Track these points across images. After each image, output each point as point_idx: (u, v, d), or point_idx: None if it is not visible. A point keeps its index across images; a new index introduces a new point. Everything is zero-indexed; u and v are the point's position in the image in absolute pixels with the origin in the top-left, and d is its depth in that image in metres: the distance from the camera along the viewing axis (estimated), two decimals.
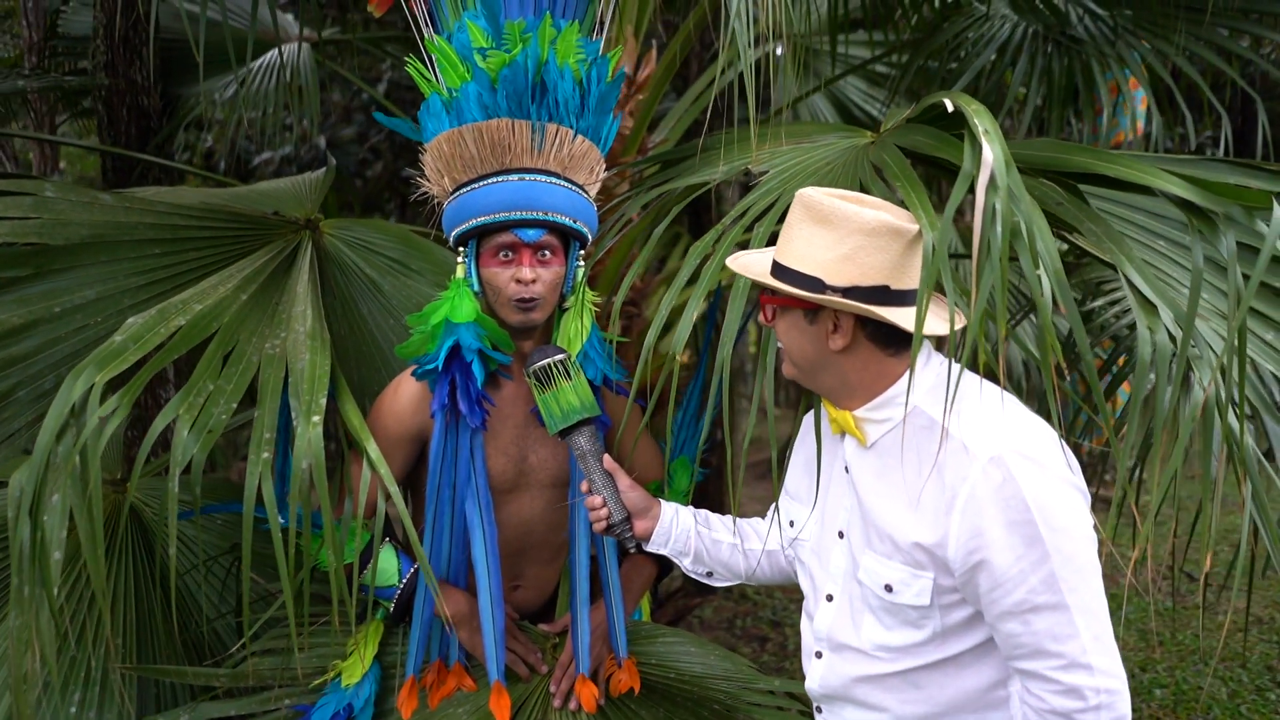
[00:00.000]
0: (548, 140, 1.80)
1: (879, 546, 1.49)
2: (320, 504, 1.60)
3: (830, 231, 1.43)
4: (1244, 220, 1.43)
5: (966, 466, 1.37)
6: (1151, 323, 1.43)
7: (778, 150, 2.04)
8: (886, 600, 1.48)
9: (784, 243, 1.50)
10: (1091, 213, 1.62)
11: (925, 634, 1.47)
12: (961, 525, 1.37)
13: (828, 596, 1.61)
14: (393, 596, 1.86)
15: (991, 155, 1.35)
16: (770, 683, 2.00)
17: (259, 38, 3.81)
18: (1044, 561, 1.32)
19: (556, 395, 1.77)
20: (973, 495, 1.36)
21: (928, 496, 1.42)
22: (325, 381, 1.69)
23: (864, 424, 1.52)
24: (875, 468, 1.52)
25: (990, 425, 1.40)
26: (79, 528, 1.46)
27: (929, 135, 1.73)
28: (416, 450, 1.91)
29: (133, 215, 1.97)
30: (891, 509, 1.48)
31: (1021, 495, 1.33)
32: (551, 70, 1.78)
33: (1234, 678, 4.22)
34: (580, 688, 1.89)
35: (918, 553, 1.43)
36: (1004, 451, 1.35)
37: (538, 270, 1.79)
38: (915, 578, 1.44)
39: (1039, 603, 1.33)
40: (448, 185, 1.83)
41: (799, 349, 1.52)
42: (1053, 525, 1.32)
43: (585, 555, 1.92)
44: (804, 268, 1.45)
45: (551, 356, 1.78)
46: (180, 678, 1.91)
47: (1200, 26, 2.58)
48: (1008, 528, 1.33)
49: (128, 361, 1.57)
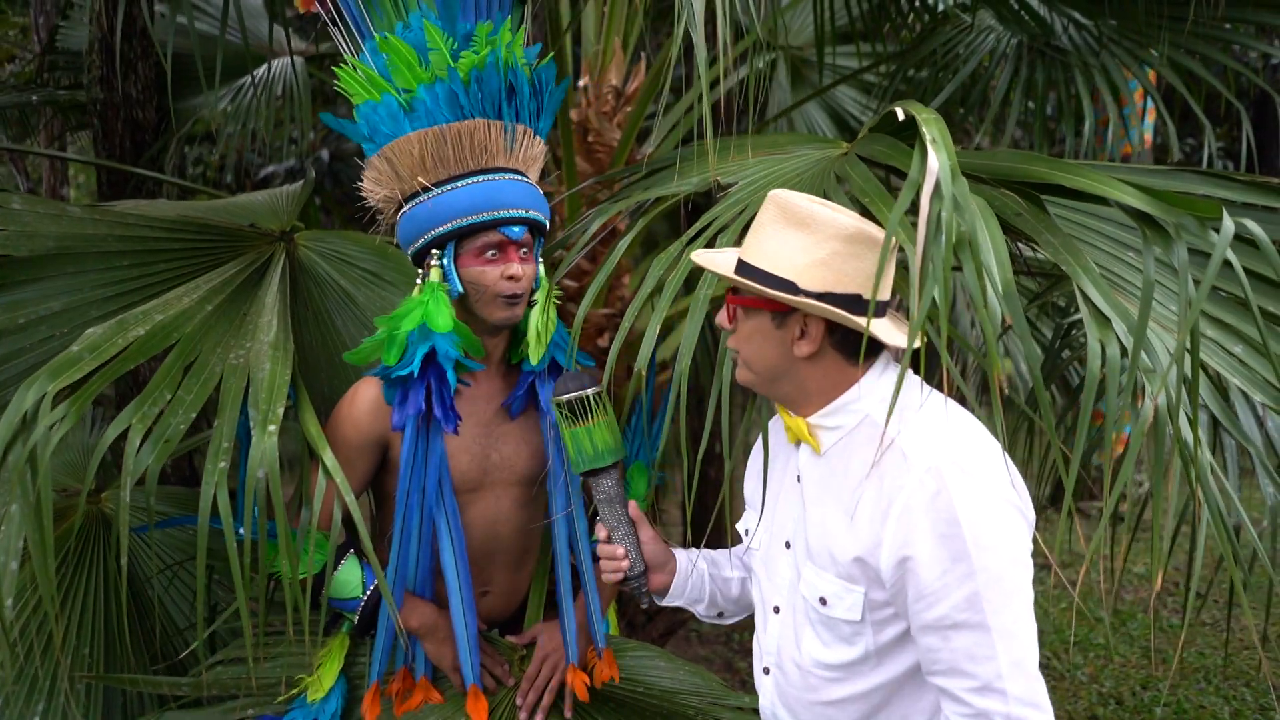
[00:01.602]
0: (517, 141, 1.84)
1: (818, 558, 1.47)
2: (276, 513, 1.60)
3: (807, 235, 1.40)
4: (1197, 230, 1.41)
5: (904, 475, 1.35)
6: (1104, 335, 1.41)
7: (748, 162, 2.04)
8: (822, 614, 1.46)
9: (754, 242, 1.46)
10: (1050, 223, 1.61)
11: (858, 651, 1.45)
12: (894, 533, 1.34)
13: (775, 609, 1.59)
14: (356, 609, 1.86)
15: (937, 163, 1.34)
16: (740, 699, 1.99)
17: (255, 52, 3.85)
18: (969, 578, 1.30)
19: (590, 432, 1.66)
20: (907, 504, 1.33)
21: (865, 505, 1.40)
22: (284, 391, 1.69)
23: (818, 431, 1.50)
24: (822, 476, 1.50)
25: (933, 435, 1.38)
26: (29, 539, 1.47)
27: (885, 144, 1.72)
28: (378, 457, 1.90)
29: (101, 227, 1.98)
30: (831, 518, 1.46)
31: (953, 508, 1.31)
32: (519, 73, 1.82)
33: (1237, 696, 4.16)
34: (571, 677, 1.90)
35: (851, 565, 1.41)
36: (942, 462, 1.33)
37: (524, 267, 1.82)
38: (848, 591, 1.42)
39: (959, 620, 1.31)
40: (410, 189, 1.82)
41: (760, 354, 1.48)
42: (982, 543, 1.30)
43: (565, 547, 1.93)
44: (777, 269, 1.41)
45: (587, 388, 1.67)
46: (140, 686, 1.92)
47: (1183, 36, 2.56)
48: (936, 540, 1.31)
49: (82, 371, 1.58)
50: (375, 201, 1.89)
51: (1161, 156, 6.26)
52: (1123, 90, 2.64)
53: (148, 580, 2.11)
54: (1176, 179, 1.90)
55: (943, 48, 3.13)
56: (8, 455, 1.49)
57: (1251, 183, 1.86)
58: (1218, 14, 2.53)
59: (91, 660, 1.95)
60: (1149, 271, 1.37)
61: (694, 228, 1.84)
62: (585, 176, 2.97)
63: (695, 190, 1.99)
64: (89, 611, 2.00)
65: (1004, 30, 3.06)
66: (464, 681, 1.86)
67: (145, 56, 3.48)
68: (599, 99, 3.03)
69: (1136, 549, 5.73)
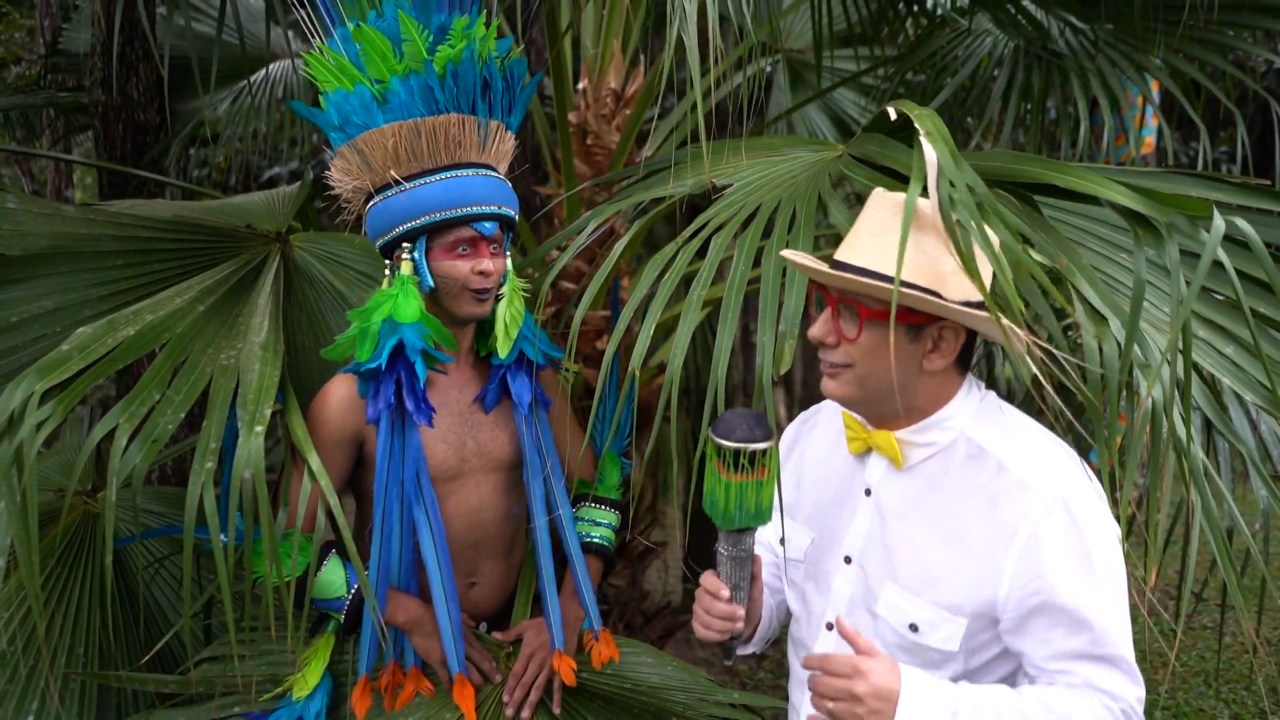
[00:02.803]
0: (490, 136, 1.85)
1: (907, 581, 1.40)
2: (261, 515, 1.60)
3: (942, 242, 1.30)
4: (1188, 229, 1.41)
5: (1028, 504, 1.32)
6: (1100, 333, 1.41)
7: (743, 164, 2.04)
8: (908, 639, 1.40)
9: (875, 248, 1.33)
10: (1044, 222, 1.61)
11: (945, 675, 1.39)
12: (1021, 564, 1.31)
13: (828, 625, 1.52)
14: (341, 609, 1.85)
15: (935, 155, 1.34)
16: (730, 695, 1.98)
17: (256, 54, 3.86)
18: (1106, 612, 1.30)
19: (759, 487, 1.38)
20: (1034, 533, 1.30)
21: (977, 532, 1.35)
22: (272, 392, 1.69)
23: (906, 446, 1.42)
24: (909, 494, 1.43)
25: (1049, 462, 1.36)
26: (15, 537, 1.47)
27: (877, 143, 1.72)
28: (354, 454, 1.91)
29: (95, 227, 1.99)
30: (928, 543, 1.40)
31: (1085, 541, 1.30)
32: (493, 68, 1.84)
33: (1237, 699, 4.14)
34: (558, 662, 1.90)
35: (957, 594, 1.36)
36: (1068, 493, 1.31)
37: (494, 262, 1.84)
38: (946, 621, 1.37)
39: (1098, 654, 1.31)
40: (381, 180, 1.82)
41: (882, 368, 1.35)
42: (1111, 574, 1.31)
43: (546, 535, 1.93)
44: (920, 279, 1.30)
45: (762, 441, 1.36)
46: (125, 682, 1.91)
47: (1179, 40, 2.55)
48: (1071, 572, 1.29)
49: (71, 370, 1.58)
50: (343, 191, 1.88)
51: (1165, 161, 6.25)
52: (1118, 94, 2.63)
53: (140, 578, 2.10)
54: (1169, 180, 1.90)
55: (941, 51, 3.13)
56: None
57: (1244, 185, 1.86)
58: (1213, 18, 2.52)
59: (86, 659, 1.94)
60: (1140, 269, 1.37)
61: (689, 229, 1.84)
62: (584, 179, 2.97)
63: (691, 192, 1.99)
64: (83, 611, 1.99)
65: (1001, 34, 3.06)
66: (449, 673, 1.86)
67: (146, 59, 3.49)
68: (598, 101, 3.03)
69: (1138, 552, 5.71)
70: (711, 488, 1.40)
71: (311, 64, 1.83)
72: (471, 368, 1.97)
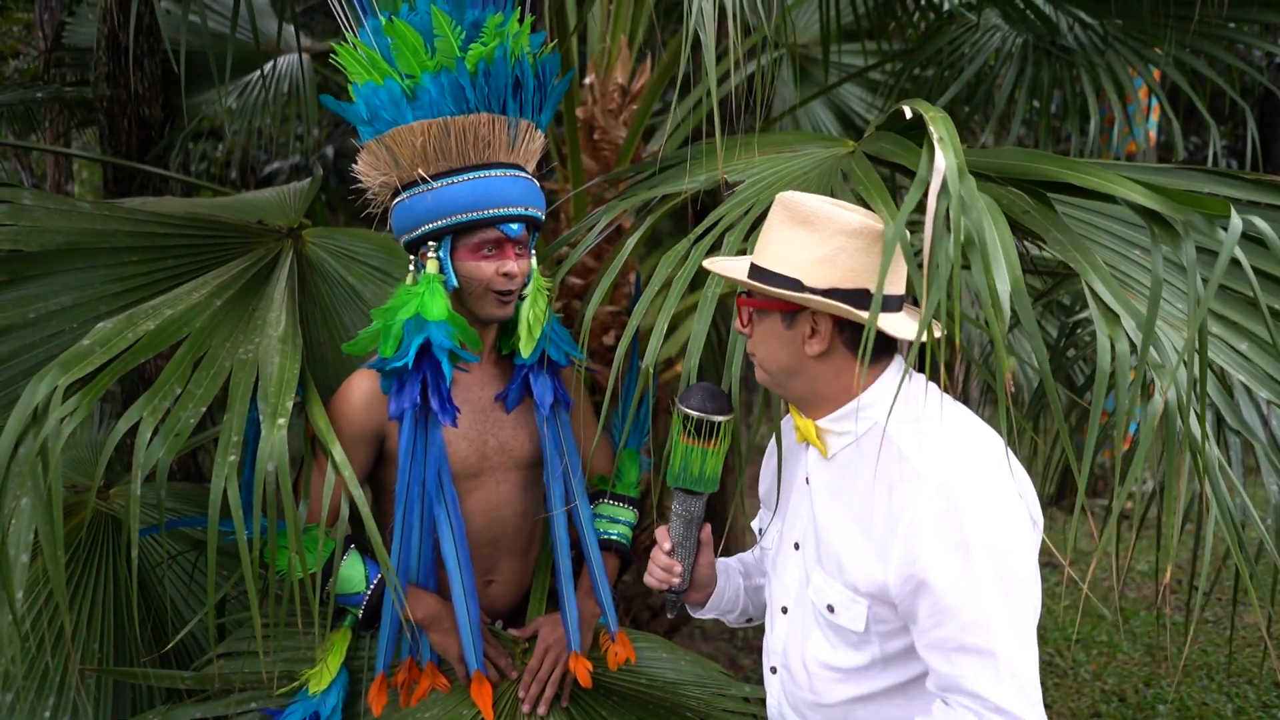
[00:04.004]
0: (520, 135, 1.83)
1: (827, 565, 1.48)
2: (285, 507, 1.61)
3: (811, 233, 1.40)
4: (1205, 228, 1.42)
5: (913, 490, 1.34)
6: (1113, 331, 1.42)
7: (755, 160, 2.05)
8: (828, 619, 1.47)
9: (763, 245, 1.47)
10: (1058, 220, 1.61)
11: (866, 658, 1.45)
12: (902, 549, 1.34)
13: (783, 609, 1.59)
14: (360, 603, 1.86)
15: (944, 162, 1.34)
16: (743, 689, 2.00)
17: (263, 49, 3.85)
18: (974, 602, 1.29)
19: (706, 455, 1.59)
20: (914, 520, 1.33)
21: (876, 518, 1.39)
22: (293, 385, 1.70)
23: (825, 434, 1.50)
24: (832, 481, 1.50)
25: (945, 450, 1.37)
26: (40, 531, 1.48)
27: (892, 142, 1.73)
28: (374, 449, 1.91)
29: (111, 223, 1.99)
30: (841, 527, 1.46)
31: (962, 528, 1.30)
32: (525, 66, 1.81)
33: (1240, 694, 4.16)
34: (574, 663, 1.90)
35: (857, 578, 1.41)
36: (953, 480, 1.32)
37: (520, 263, 1.84)
38: (853, 602, 1.42)
39: (966, 643, 1.30)
40: (408, 178, 1.82)
41: (773, 354, 1.49)
42: (989, 565, 1.29)
43: (564, 533, 1.93)
44: (783, 269, 1.42)
45: (723, 414, 1.57)
46: (139, 678, 1.92)
47: (1189, 36, 2.56)
48: (943, 560, 1.30)
49: (93, 365, 1.58)
50: (370, 185, 1.88)
51: (1166, 155, 6.26)
52: (1128, 89, 2.64)
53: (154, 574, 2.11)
54: (1182, 177, 1.91)
55: (948, 46, 3.13)
56: (18, 448, 1.50)
57: (1258, 181, 1.86)
58: (1223, 14, 2.53)
59: (100, 656, 1.95)
60: (1158, 268, 1.38)
61: (701, 225, 1.84)
62: (591, 174, 2.97)
63: (702, 188, 1.99)
64: (97, 608, 2.00)
65: (1009, 29, 3.07)
66: (468, 670, 1.86)
67: (152, 53, 3.49)
68: (605, 97, 3.03)
69: (1140, 545, 5.73)
70: (670, 448, 1.62)
71: (342, 56, 1.81)
72: (494, 365, 1.97)
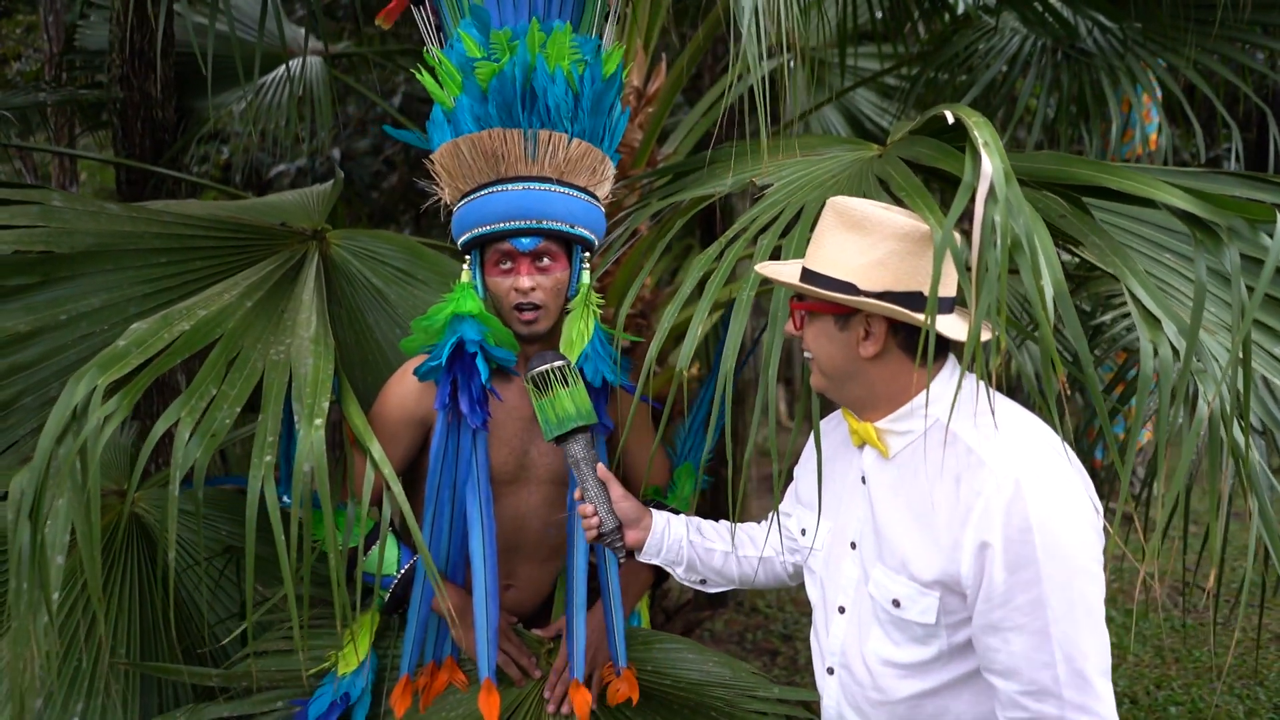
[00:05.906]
0: (541, 147, 1.81)
1: (889, 560, 1.49)
2: (322, 502, 1.60)
3: (863, 237, 1.42)
4: (1248, 233, 1.42)
5: (983, 480, 1.36)
6: (1154, 336, 1.42)
7: (784, 163, 2.04)
8: (893, 614, 1.47)
9: (815, 249, 1.49)
10: (1095, 225, 1.61)
11: (932, 651, 1.46)
12: (973, 538, 1.35)
13: (839, 609, 1.60)
14: (390, 585, 1.88)
15: (990, 167, 1.34)
16: (770, 690, 1.99)
17: (274, 52, 3.85)
18: (1034, 584, 1.30)
19: (553, 402, 1.77)
20: (985, 509, 1.34)
21: (942, 509, 1.41)
22: (328, 386, 1.70)
23: (886, 435, 1.51)
24: (893, 480, 1.51)
25: (1014, 445, 1.38)
26: (77, 531, 1.47)
27: (931, 147, 1.72)
28: (420, 436, 1.93)
29: (139, 225, 1.99)
30: (904, 523, 1.47)
31: (1027, 514, 1.31)
32: (541, 76, 1.78)
33: (1250, 695, 4.16)
34: (574, 693, 1.88)
35: (927, 570, 1.42)
36: (1023, 472, 1.34)
37: (536, 278, 1.81)
38: (922, 595, 1.43)
39: (1020, 623, 1.32)
40: (453, 195, 1.86)
41: (828, 357, 1.50)
42: (1051, 551, 1.31)
43: (583, 559, 1.92)
44: (836, 273, 1.43)
45: (550, 363, 1.78)
46: (173, 675, 1.92)
47: (1210, 39, 2.56)
48: (1005, 542, 1.32)
49: (130, 365, 1.58)
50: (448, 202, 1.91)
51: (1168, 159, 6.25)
52: (1149, 92, 2.64)
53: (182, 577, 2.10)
54: (1211, 181, 1.90)
55: (964, 50, 3.13)
56: (58, 448, 1.49)
57: None
58: (1244, 18, 2.54)
59: (128, 658, 1.95)
60: (1201, 274, 1.38)
61: (733, 229, 1.84)
62: None
63: (731, 190, 1.99)
64: (125, 611, 1.99)
65: (1028, 33, 3.07)
66: (479, 674, 1.85)
67: (165, 56, 3.48)
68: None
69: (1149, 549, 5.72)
70: (539, 415, 1.78)
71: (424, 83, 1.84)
72: None
